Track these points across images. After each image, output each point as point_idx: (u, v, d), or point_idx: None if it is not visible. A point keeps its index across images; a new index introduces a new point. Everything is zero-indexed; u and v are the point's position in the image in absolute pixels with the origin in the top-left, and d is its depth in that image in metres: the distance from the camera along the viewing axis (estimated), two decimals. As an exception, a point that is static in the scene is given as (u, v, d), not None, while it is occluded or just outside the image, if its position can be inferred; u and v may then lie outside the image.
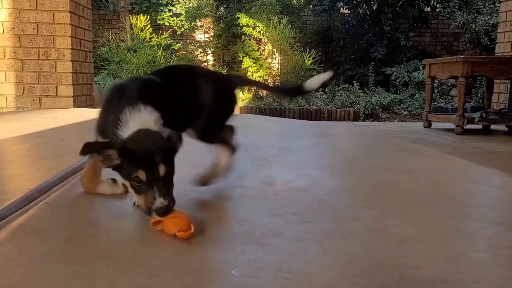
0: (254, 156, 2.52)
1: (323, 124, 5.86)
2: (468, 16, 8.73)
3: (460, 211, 1.68)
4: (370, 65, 10.02)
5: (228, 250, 1.24)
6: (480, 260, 1.26)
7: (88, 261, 1.14)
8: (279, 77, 9.95)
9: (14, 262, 1.10)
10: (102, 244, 1.26)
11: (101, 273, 1.08)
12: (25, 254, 1.14)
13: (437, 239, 1.39)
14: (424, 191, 1.58)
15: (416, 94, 9.02)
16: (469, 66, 4.62)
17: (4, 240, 1.21)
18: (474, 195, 1.99)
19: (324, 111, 8.17)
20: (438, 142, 4.12)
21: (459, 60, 4.68)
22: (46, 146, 2.66)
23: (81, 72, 5.47)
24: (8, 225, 1.31)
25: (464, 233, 1.47)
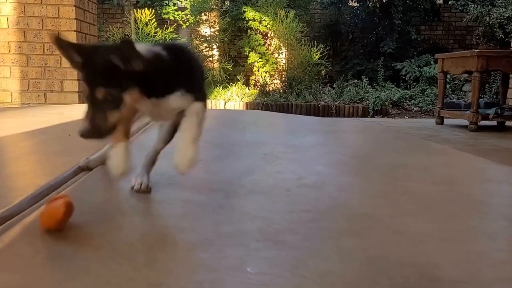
0: (263, 153, 2.52)
1: (331, 120, 5.86)
2: (482, 9, 8.65)
3: (479, 210, 1.68)
4: (380, 59, 9.97)
5: (243, 247, 1.25)
6: (502, 260, 1.26)
7: (103, 258, 1.15)
8: (285, 73, 9.93)
9: (28, 260, 1.11)
10: (116, 241, 1.27)
11: (116, 270, 1.09)
12: (39, 252, 1.15)
13: (456, 239, 1.38)
14: (440, 190, 1.58)
15: (427, 89, 8.98)
16: (484, 60, 4.60)
17: (17, 238, 1.22)
18: (492, 193, 1.98)
19: (332, 107, 8.15)
20: (451, 139, 4.11)
21: (474, 54, 4.66)
22: (53, 143, 2.68)
23: (86, 67, 5.48)
24: (20, 222, 1.32)
25: (485, 233, 1.47)
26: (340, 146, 3.29)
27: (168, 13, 9.99)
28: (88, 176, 1.87)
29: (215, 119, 4.82)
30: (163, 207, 1.56)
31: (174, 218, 1.48)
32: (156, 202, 1.58)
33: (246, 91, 9.38)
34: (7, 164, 2.15)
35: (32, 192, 1.54)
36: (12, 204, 1.42)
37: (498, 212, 1.70)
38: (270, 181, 1.93)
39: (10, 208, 1.39)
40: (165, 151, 1.78)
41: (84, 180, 1.81)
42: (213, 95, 8.95)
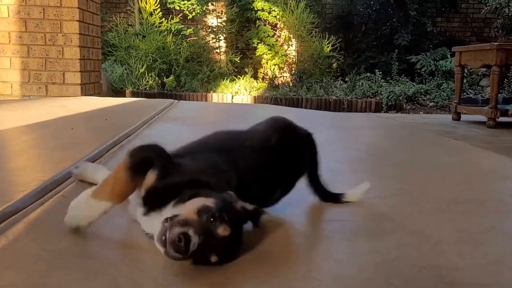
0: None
1: (343, 115, 5.84)
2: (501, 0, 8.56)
3: (500, 210, 1.67)
4: (394, 52, 9.91)
5: (253, 250, 1.25)
6: (525, 263, 1.25)
7: (111, 258, 1.16)
8: (295, 65, 9.91)
9: (34, 258, 1.12)
10: (122, 241, 1.27)
11: (124, 271, 1.09)
12: (45, 249, 1.15)
13: (476, 239, 1.38)
14: (459, 188, 1.57)
15: (443, 84, 8.91)
16: (504, 54, 4.55)
17: (22, 234, 1.23)
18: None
19: (344, 101, 8.13)
20: (469, 136, 4.08)
21: (493, 47, 4.62)
22: (56, 136, 2.69)
23: (89, 58, 5.50)
24: (24, 218, 1.33)
25: (506, 233, 1.46)
26: (354, 142, 3.28)
27: (173, 3, 9.98)
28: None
29: (223, 113, 4.83)
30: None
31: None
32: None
33: (254, 84, 9.36)
34: (8, 158, 2.16)
35: (35, 188, 1.55)
36: (14, 200, 1.43)
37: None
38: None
39: (13, 204, 1.40)
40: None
41: (88, 175, 1.81)
42: (220, 88, 8.95)
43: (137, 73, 8.76)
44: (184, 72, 9.25)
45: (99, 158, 2.12)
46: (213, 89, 8.85)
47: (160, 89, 8.81)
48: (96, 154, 2.15)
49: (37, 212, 1.38)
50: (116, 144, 2.44)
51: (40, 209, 1.40)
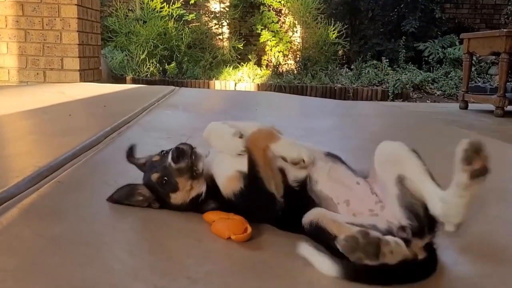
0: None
1: (349, 103, 5.82)
2: (512, -14, 8.48)
3: (505, 198, 1.66)
4: (401, 39, 9.84)
5: (253, 240, 1.24)
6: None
7: (106, 244, 1.16)
8: (300, 52, 9.86)
9: (28, 243, 1.12)
10: (119, 227, 1.27)
11: (119, 257, 1.09)
12: (39, 234, 1.16)
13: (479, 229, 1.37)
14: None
15: (451, 72, 8.86)
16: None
17: (16, 220, 1.23)
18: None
19: (349, 89, 8.09)
20: (476, 125, 4.06)
21: (502, 34, 4.58)
22: (54, 122, 2.69)
23: (88, 44, 5.49)
24: (19, 203, 1.33)
25: (510, 222, 1.46)
26: (358, 130, 3.27)
27: (175, -13, 9.92)
28: (89, 158, 1.88)
29: (225, 100, 4.82)
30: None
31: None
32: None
33: (258, 71, 9.31)
34: (5, 144, 2.16)
35: (31, 174, 1.55)
36: (9, 186, 1.43)
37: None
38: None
39: (7, 190, 1.40)
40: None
41: (84, 162, 1.81)
42: (223, 75, 8.91)
43: (137, 59, 8.74)
44: (186, 58, 9.21)
45: (97, 145, 2.12)
46: (215, 77, 8.82)
47: (162, 76, 8.79)
48: (94, 140, 2.15)
49: (32, 197, 1.38)
50: (115, 131, 2.44)
51: (35, 195, 1.40)
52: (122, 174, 1.72)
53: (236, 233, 1.22)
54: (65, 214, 1.31)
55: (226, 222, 1.27)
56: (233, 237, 1.22)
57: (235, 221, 1.27)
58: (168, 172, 1.29)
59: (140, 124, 2.72)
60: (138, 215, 1.35)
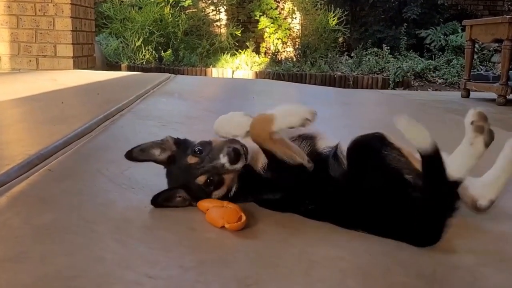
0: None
1: (348, 91, 5.81)
2: (516, -29, 8.43)
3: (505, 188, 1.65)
4: (402, 26, 9.79)
5: (248, 229, 1.24)
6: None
7: (96, 233, 1.15)
8: (299, 40, 9.81)
9: (17, 231, 1.11)
10: (110, 215, 1.27)
11: (110, 246, 1.09)
12: (28, 223, 1.15)
13: (476, 219, 1.37)
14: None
15: (453, 60, 8.83)
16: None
17: (5, 208, 1.23)
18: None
19: (349, 77, 8.07)
20: (478, 114, 4.04)
21: (505, 20, 4.55)
22: (45, 110, 2.68)
23: (81, 30, 5.45)
24: (8, 192, 1.32)
25: (507, 212, 1.46)
26: (359, 119, 3.26)
27: (171, -28, 9.84)
28: (81, 146, 1.87)
29: (222, 88, 4.80)
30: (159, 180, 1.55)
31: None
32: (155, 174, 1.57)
33: (256, 59, 9.28)
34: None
35: (21, 162, 1.55)
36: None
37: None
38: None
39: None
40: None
41: (75, 151, 1.81)
42: (220, 63, 8.88)
43: (133, 46, 8.69)
44: (183, 46, 9.16)
45: (90, 133, 2.11)
46: (212, 64, 8.79)
47: (158, 64, 8.75)
48: (86, 128, 2.14)
49: (21, 186, 1.38)
50: (108, 119, 2.43)
51: (25, 183, 1.40)
52: (115, 162, 1.71)
53: (230, 222, 1.22)
54: (55, 202, 1.30)
55: (220, 210, 1.26)
56: (227, 225, 1.21)
57: (229, 209, 1.27)
58: (217, 171, 1.30)
59: (134, 112, 2.71)
60: (130, 204, 1.35)
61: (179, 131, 2.30)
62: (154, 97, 3.34)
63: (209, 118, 2.71)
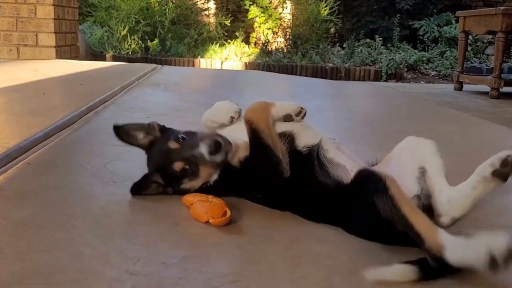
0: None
1: (340, 83, 5.82)
2: (511, -38, 8.46)
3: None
4: (396, 17, 9.82)
5: (233, 224, 1.25)
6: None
7: (76, 228, 1.15)
8: (290, 30, 9.80)
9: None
10: (91, 210, 1.26)
11: (90, 242, 1.09)
12: (5, 218, 1.15)
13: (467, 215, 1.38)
14: (454, 160, 1.56)
15: (447, 51, 8.87)
16: (510, 19, 4.52)
17: (-19, 203, 1.22)
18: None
19: (341, 69, 8.08)
20: (470, 106, 4.08)
21: (499, 12, 4.57)
22: (26, 101, 2.66)
23: (64, 18, 5.39)
24: (-15, 186, 1.31)
25: (496, 207, 1.47)
26: (349, 111, 3.27)
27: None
28: (62, 139, 1.86)
29: (210, 79, 4.78)
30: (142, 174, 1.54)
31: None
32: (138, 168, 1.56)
33: (245, 49, 9.25)
34: (-27, 124, 2.13)
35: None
36: (-25, 167, 1.42)
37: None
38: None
39: (-27, 171, 1.39)
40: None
41: (57, 143, 1.80)
42: (209, 53, 8.84)
43: (118, 35, 8.62)
44: (170, 35, 9.11)
45: (71, 125, 2.10)
46: (201, 54, 8.75)
47: (144, 54, 8.69)
48: (68, 120, 2.13)
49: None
50: (91, 110, 2.42)
51: (3, 177, 1.39)
52: (97, 155, 1.71)
53: (215, 217, 1.22)
54: (34, 197, 1.30)
55: (205, 205, 1.26)
56: (211, 220, 1.22)
57: (214, 204, 1.27)
58: (195, 160, 1.30)
59: (118, 103, 2.69)
60: (112, 198, 1.35)
61: (164, 123, 2.29)
62: (139, 89, 3.32)
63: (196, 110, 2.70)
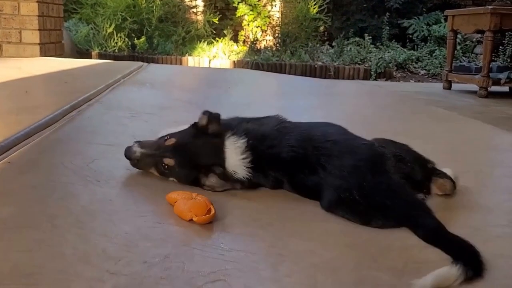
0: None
1: (329, 82, 5.84)
2: (500, -39, 8.54)
3: (479, 182, 1.70)
4: (385, 16, 9.87)
5: (217, 222, 1.25)
6: (499, 235, 1.28)
7: (57, 228, 1.15)
8: (279, 28, 9.80)
9: (-29, 227, 1.10)
10: (72, 209, 1.26)
11: (71, 241, 1.08)
12: (-17, 218, 1.14)
13: (451, 213, 1.39)
14: (441, 159, 1.58)
15: (436, 50, 8.94)
16: (498, 18, 4.56)
17: (-41, 203, 1.21)
18: (496, 163, 2.00)
19: (330, 68, 8.10)
20: (459, 105, 4.12)
21: (487, 11, 4.62)
22: (8, 100, 2.64)
23: (49, 15, 5.35)
24: (-36, 186, 1.30)
25: (482, 206, 1.49)
26: (337, 110, 3.29)
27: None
28: (44, 138, 1.85)
29: (197, 78, 4.78)
30: (126, 173, 1.54)
31: (141, 186, 1.47)
32: (120, 167, 1.56)
33: (234, 48, 9.23)
34: (-47, 122, 2.11)
35: (-21, 153, 1.52)
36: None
37: (501, 184, 1.73)
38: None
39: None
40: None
41: (39, 141, 1.78)
42: (197, 51, 8.81)
43: (104, 33, 8.57)
44: (157, 33, 9.07)
45: (54, 123, 2.08)
46: (188, 53, 8.73)
47: (130, 51, 8.64)
48: (50, 118, 2.11)
49: (-21, 179, 1.35)
50: (75, 109, 2.40)
51: (-17, 177, 1.38)
52: (80, 154, 1.70)
53: (199, 215, 1.22)
54: (14, 196, 1.29)
55: (188, 203, 1.26)
56: (195, 218, 1.22)
57: (198, 202, 1.27)
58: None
59: (102, 102, 2.68)
60: (94, 197, 1.34)
61: (149, 122, 2.29)
62: (124, 87, 3.31)
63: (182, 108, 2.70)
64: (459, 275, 1.03)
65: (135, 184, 1.48)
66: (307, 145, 1.43)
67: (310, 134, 1.49)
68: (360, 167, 1.34)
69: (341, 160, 1.36)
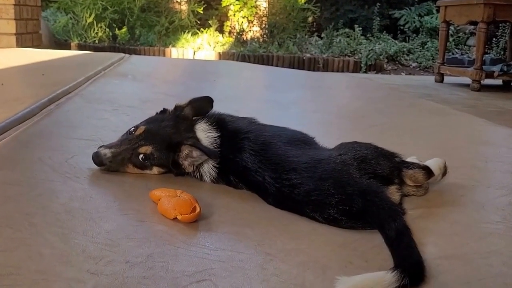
0: (235, 110, 2.50)
1: (318, 75, 5.85)
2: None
3: (472, 177, 1.71)
4: (375, 6, 9.91)
5: (203, 221, 1.25)
6: (492, 232, 1.29)
7: (34, 226, 1.13)
8: (266, 19, 9.80)
9: None
10: (51, 207, 1.25)
11: (49, 241, 1.07)
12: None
13: (443, 210, 1.41)
14: (433, 154, 1.59)
15: (428, 42, 9.00)
16: (491, 9, 4.61)
17: None
18: (489, 158, 2.02)
19: (319, 60, 8.12)
20: (451, 99, 4.16)
21: (480, 2, 4.66)
22: (-17, 93, 2.61)
23: (26, 4, 5.30)
24: None
25: (475, 202, 1.50)
26: (326, 104, 3.30)
27: None
28: (21, 132, 1.83)
29: (181, 70, 4.76)
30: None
31: (123, 183, 1.46)
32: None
33: (219, 39, 9.22)
34: None
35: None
36: None
37: (493, 179, 1.75)
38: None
39: None
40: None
41: (15, 136, 1.77)
42: (180, 42, 8.78)
43: (84, 23, 8.50)
44: (139, 23, 9.02)
45: (32, 117, 2.07)
46: (172, 44, 8.69)
47: (111, 42, 8.59)
48: (27, 112, 2.10)
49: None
50: (53, 102, 2.39)
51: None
52: (59, 149, 1.69)
53: (183, 213, 1.22)
54: (-11, 194, 1.27)
55: (173, 200, 1.26)
56: (179, 217, 1.21)
57: (183, 200, 1.26)
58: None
59: (82, 95, 2.66)
60: (74, 194, 1.33)
61: (131, 115, 2.28)
62: (105, 79, 3.29)
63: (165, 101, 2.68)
64: (393, 282, 1.02)
65: (117, 181, 1.47)
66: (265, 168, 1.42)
67: (269, 153, 1.45)
68: (324, 182, 1.32)
69: (304, 181, 1.34)
